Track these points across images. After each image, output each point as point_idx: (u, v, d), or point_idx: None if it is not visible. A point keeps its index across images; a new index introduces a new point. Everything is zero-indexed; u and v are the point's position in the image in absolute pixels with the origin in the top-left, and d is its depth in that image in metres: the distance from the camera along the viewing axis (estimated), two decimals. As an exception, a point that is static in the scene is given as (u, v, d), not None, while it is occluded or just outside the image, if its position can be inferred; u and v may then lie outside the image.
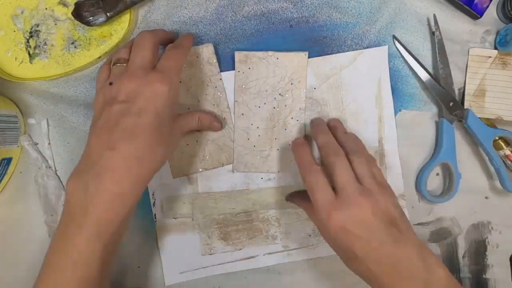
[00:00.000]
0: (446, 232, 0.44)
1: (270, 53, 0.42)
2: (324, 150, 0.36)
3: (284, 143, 0.43)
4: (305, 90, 0.43)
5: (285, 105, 0.43)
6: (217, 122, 0.41)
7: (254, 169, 0.43)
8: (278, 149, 0.43)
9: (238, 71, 0.42)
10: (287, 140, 0.43)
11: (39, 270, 0.37)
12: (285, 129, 0.43)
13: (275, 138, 0.43)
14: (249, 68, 0.42)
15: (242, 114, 0.43)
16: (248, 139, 0.43)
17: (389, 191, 0.34)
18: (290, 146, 0.41)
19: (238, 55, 0.42)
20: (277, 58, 0.42)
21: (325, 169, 0.34)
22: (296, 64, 0.42)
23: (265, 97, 0.43)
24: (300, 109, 0.43)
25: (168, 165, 0.43)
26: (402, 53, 0.43)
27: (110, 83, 0.34)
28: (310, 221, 0.44)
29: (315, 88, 0.43)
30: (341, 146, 0.36)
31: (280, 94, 0.42)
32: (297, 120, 0.43)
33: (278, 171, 0.43)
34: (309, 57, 0.43)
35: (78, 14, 0.40)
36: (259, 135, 0.43)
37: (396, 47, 0.44)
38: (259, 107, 0.42)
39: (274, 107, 0.43)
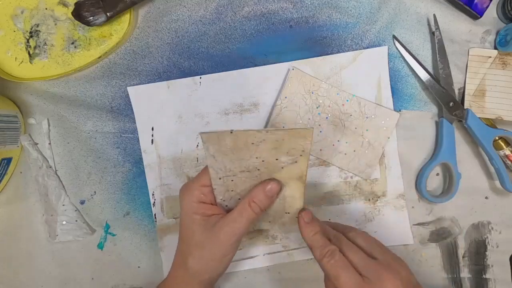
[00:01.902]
0: (446, 232, 0.44)
1: (278, 102, 0.42)
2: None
3: (362, 122, 0.43)
4: (323, 82, 0.42)
5: (329, 106, 0.43)
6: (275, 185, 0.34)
7: (375, 159, 0.43)
8: (367, 130, 0.43)
9: None
10: (361, 118, 0.43)
11: (39, 270, 0.37)
12: (350, 115, 0.43)
13: (355, 128, 0.43)
14: (283, 127, 0.42)
15: (320, 150, 0.42)
16: (345, 154, 0.43)
17: (401, 260, 0.33)
18: (298, 220, 0.35)
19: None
20: (286, 97, 0.42)
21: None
22: (297, 81, 0.42)
23: (314, 123, 0.43)
24: (337, 94, 0.42)
25: (165, 166, 0.44)
26: (402, 53, 0.43)
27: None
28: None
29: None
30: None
31: (317, 107, 0.43)
32: (347, 101, 0.42)
33: (388, 137, 0.43)
34: (309, 57, 0.43)
35: (78, 14, 0.40)
36: (346, 142, 0.43)
37: (396, 47, 0.44)
38: (321, 131, 0.43)
39: (327, 117, 0.43)
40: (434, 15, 0.43)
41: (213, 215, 0.34)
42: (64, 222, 0.44)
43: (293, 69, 0.42)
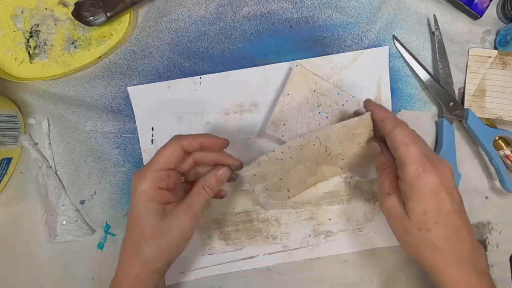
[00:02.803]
0: (446, 232, 0.44)
1: (281, 98, 0.41)
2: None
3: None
4: (325, 81, 0.41)
5: (329, 105, 0.42)
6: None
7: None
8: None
9: (282, 136, 0.41)
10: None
11: (39, 270, 0.38)
12: (349, 116, 0.41)
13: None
14: (284, 124, 0.41)
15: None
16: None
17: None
18: (364, 104, 0.39)
19: (269, 129, 0.41)
20: (288, 94, 0.41)
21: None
22: (301, 78, 0.41)
23: (314, 121, 0.42)
24: (338, 94, 0.41)
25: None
26: (402, 53, 0.43)
27: None
28: (310, 221, 0.44)
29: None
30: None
31: (318, 106, 0.42)
32: (347, 101, 0.41)
33: None
34: (309, 57, 0.43)
35: (78, 14, 0.40)
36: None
37: (396, 47, 0.44)
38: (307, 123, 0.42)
39: (327, 117, 0.42)
40: (434, 15, 0.43)
41: (169, 203, 0.35)
42: (64, 222, 0.44)
43: (297, 66, 0.41)
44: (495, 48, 0.44)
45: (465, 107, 0.43)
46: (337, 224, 0.44)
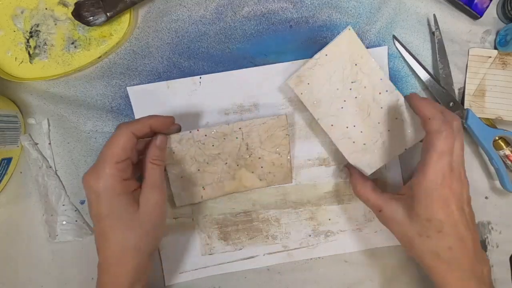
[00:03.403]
0: (446, 232, 0.44)
1: (317, 56, 0.39)
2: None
3: (388, 120, 0.40)
4: (373, 60, 0.39)
5: (364, 87, 0.39)
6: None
7: (380, 163, 0.40)
8: (389, 130, 0.40)
9: (301, 94, 0.40)
10: (389, 116, 0.39)
11: (39, 270, 0.37)
12: (381, 108, 0.40)
13: (378, 123, 0.40)
14: (308, 84, 0.40)
15: (332, 125, 0.40)
16: (354, 142, 0.40)
17: None
18: (405, 101, 0.38)
19: (291, 81, 0.39)
20: (326, 55, 0.39)
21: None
22: (347, 45, 0.39)
23: (341, 95, 0.40)
24: (381, 79, 0.39)
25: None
26: (402, 53, 0.43)
27: None
28: (310, 221, 0.44)
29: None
30: None
31: (352, 82, 0.39)
32: (386, 91, 0.39)
33: (405, 149, 0.40)
34: (308, 57, 0.43)
35: (78, 14, 0.40)
36: (361, 132, 0.40)
37: (396, 47, 0.44)
38: (342, 108, 0.40)
39: (356, 97, 0.40)
40: (434, 15, 0.43)
41: (134, 191, 0.35)
42: (64, 222, 0.44)
43: (349, 29, 0.39)
44: (495, 48, 0.44)
45: (465, 107, 0.43)
46: (337, 224, 0.44)
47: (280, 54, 0.44)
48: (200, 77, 0.44)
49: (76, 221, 0.44)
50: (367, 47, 0.43)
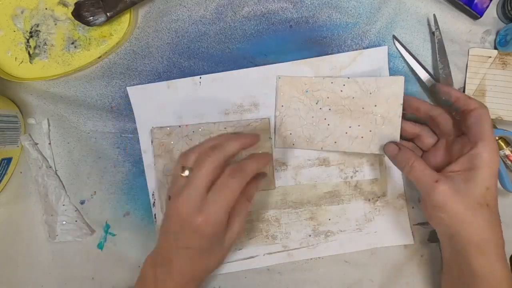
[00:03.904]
0: (446, 232, 0.44)
1: (277, 113, 0.43)
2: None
3: (365, 99, 0.41)
4: (308, 77, 0.43)
5: (327, 97, 0.42)
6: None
7: (396, 132, 0.40)
8: (375, 105, 0.41)
9: (293, 144, 0.43)
10: (363, 98, 0.41)
11: (39, 270, 0.37)
12: (353, 98, 0.41)
13: (363, 108, 0.41)
14: (290, 134, 0.43)
15: (335, 142, 0.42)
16: (362, 137, 0.41)
17: None
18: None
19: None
20: (282, 106, 0.43)
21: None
22: (288, 86, 0.43)
23: (318, 118, 0.42)
24: (332, 83, 0.42)
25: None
26: (402, 53, 0.43)
27: (169, 197, 0.36)
28: (310, 221, 0.44)
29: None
30: None
31: (316, 103, 0.42)
32: (344, 85, 0.41)
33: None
34: (309, 57, 0.43)
35: (78, 14, 0.40)
36: (358, 125, 0.41)
37: (396, 47, 0.44)
38: (328, 125, 0.42)
39: (329, 109, 0.42)
40: (434, 15, 0.43)
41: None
42: (64, 222, 0.44)
43: (280, 78, 0.42)
44: (495, 48, 0.44)
45: (465, 107, 0.43)
46: (337, 224, 0.44)
47: (280, 54, 0.44)
48: (200, 77, 0.44)
49: (76, 221, 0.44)
50: (367, 47, 0.43)
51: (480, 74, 0.44)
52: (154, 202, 0.44)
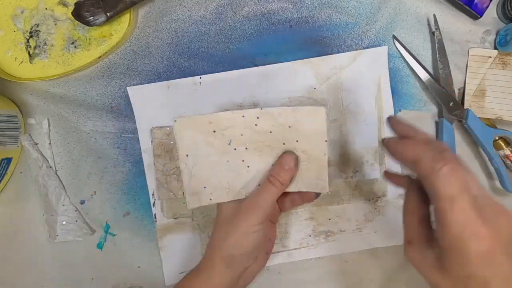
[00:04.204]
0: (446, 232, 0.44)
1: (182, 166, 0.36)
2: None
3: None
4: (221, 113, 0.36)
5: (241, 135, 0.36)
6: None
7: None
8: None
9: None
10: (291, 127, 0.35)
11: (39, 270, 0.37)
12: (290, 127, 0.35)
13: (297, 141, 0.36)
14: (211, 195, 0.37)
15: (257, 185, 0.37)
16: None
17: None
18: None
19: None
20: (187, 156, 0.36)
21: None
22: (191, 131, 0.35)
23: (234, 158, 0.36)
24: (243, 116, 0.35)
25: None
26: (402, 53, 0.43)
27: None
28: (310, 221, 0.44)
29: (315, 88, 0.43)
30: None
31: (229, 144, 0.36)
32: (258, 118, 0.35)
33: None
34: (309, 57, 0.43)
35: (78, 14, 0.40)
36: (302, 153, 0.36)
37: (396, 47, 0.44)
38: (248, 166, 0.36)
39: (246, 148, 0.36)
40: (434, 15, 0.43)
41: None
42: (64, 222, 0.44)
43: (176, 121, 0.35)
44: (495, 48, 0.44)
45: (465, 107, 0.43)
46: (337, 224, 0.44)
47: (280, 54, 0.44)
48: (200, 77, 0.44)
49: (76, 221, 0.44)
50: (367, 47, 0.43)
51: (480, 74, 0.44)
52: (154, 202, 0.44)
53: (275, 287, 0.44)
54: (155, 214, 0.44)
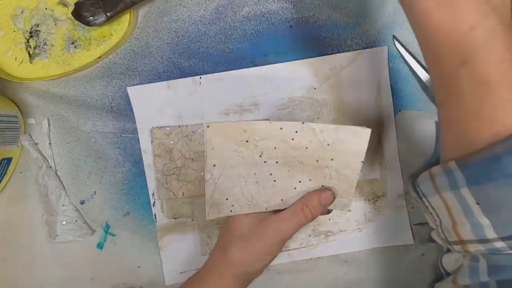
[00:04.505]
0: (446, 232, 0.44)
1: (208, 176, 0.33)
2: None
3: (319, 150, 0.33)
4: (256, 122, 0.32)
5: (275, 147, 0.33)
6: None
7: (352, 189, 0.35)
8: (332, 159, 0.33)
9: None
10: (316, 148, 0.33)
11: (39, 270, 0.37)
12: (306, 148, 0.33)
13: (316, 161, 0.33)
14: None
15: (281, 200, 0.35)
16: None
17: None
18: None
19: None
20: (214, 165, 0.33)
21: None
22: (222, 137, 0.32)
23: (263, 172, 0.34)
24: (281, 128, 0.32)
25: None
26: (402, 53, 0.43)
27: None
28: (310, 221, 0.44)
29: (315, 88, 0.43)
30: None
31: (260, 156, 0.33)
32: (296, 132, 0.32)
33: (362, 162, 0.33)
34: (309, 57, 0.43)
35: (78, 14, 0.40)
36: (310, 180, 0.35)
37: (396, 47, 0.44)
38: (275, 181, 0.35)
39: (277, 161, 0.34)
40: (434, 15, 0.43)
41: (261, 213, 0.35)
42: (64, 222, 0.44)
43: (208, 126, 0.31)
44: (495, 48, 0.44)
45: (465, 107, 0.43)
46: (337, 224, 0.44)
47: (280, 54, 0.44)
48: (200, 77, 0.44)
49: (76, 221, 0.44)
50: (367, 47, 0.43)
51: (480, 74, 0.44)
52: (154, 202, 0.44)
53: (275, 287, 0.44)
54: (155, 214, 0.44)
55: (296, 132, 0.32)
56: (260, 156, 0.33)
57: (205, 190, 0.33)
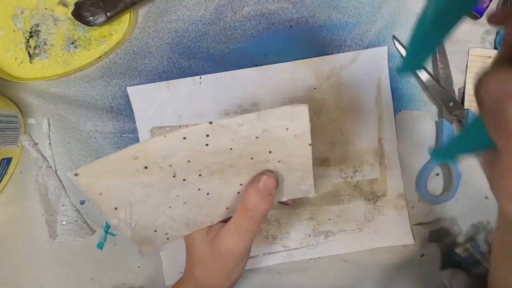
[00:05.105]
0: (446, 232, 0.44)
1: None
2: None
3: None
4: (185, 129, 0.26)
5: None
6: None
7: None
8: (270, 151, 0.28)
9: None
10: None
11: (39, 270, 0.37)
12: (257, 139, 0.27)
13: (270, 151, 0.28)
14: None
15: (227, 208, 0.31)
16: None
17: None
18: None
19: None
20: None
21: None
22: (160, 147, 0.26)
23: (192, 184, 0.28)
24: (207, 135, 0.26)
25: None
26: (402, 53, 0.43)
27: None
28: (310, 221, 0.44)
29: (315, 88, 0.43)
30: None
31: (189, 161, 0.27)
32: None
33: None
34: (309, 57, 0.43)
35: (78, 14, 0.40)
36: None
37: (396, 47, 0.44)
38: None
39: (235, 164, 0.28)
40: (434, 15, 0.43)
41: (213, 226, 0.31)
42: (64, 222, 0.44)
43: (77, 175, 0.24)
44: (495, 48, 0.44)
45: (465, 107, 0.43)
46: (337, 224, 0.44)
47: (280, 54, 0.44)
48: (200, 77, 0.44)
49: (76, 221, 0.44)
50: (367, 47, 0.43)
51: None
52: (154, 202, 0.44)
53: (275, 287, 0.44)
54: (155, 214, 0.44)
55: (208, 136, 0.25)
56: (174, 176, 0.26)
57: (122, 234, 0.28)
